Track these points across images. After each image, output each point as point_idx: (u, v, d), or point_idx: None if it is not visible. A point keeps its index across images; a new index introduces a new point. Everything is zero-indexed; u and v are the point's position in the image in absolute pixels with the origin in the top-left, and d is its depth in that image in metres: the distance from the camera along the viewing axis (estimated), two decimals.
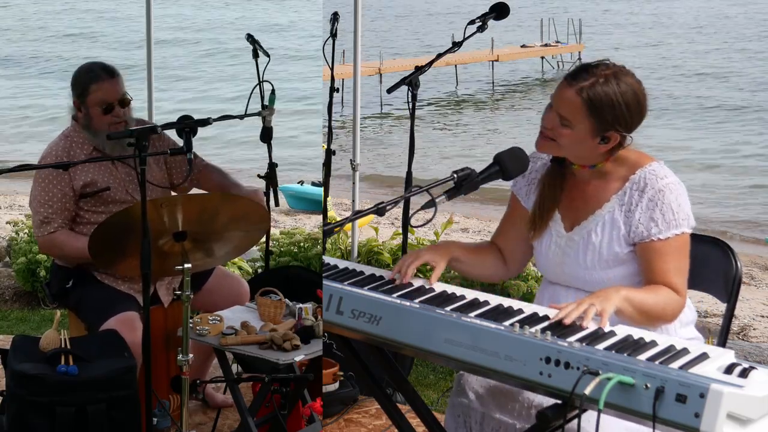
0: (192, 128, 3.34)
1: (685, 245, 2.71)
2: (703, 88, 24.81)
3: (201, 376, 3.98)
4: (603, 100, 2.64)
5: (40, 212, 3.78)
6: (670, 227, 2.66)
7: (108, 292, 3.82)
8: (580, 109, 2.65)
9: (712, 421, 1.96)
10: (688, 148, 17.37)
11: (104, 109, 3.80)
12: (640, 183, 2.70)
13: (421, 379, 4.92)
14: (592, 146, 2.70)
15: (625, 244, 2.73)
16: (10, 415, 3.18)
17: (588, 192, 2.80)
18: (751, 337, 6.37)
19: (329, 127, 5.30)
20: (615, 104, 2.64)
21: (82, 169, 3.81)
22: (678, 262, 2.69)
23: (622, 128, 2.67)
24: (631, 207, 2.71)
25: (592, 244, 2.76)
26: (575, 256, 2.79)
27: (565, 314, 2.44)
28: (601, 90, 2.64)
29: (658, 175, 2.70)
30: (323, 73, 5.38)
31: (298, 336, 3.47)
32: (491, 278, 3.10)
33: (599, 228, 2.75)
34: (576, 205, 2.82)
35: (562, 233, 2.84)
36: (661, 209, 2.66)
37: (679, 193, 2.69)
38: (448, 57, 4.58)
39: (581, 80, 2.66)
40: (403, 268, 2.76)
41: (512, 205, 3.01)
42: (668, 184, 2.68)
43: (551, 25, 29.39)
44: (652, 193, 2.68)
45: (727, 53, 30.90)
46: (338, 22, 5.07)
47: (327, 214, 5.96)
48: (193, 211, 3.34)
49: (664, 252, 2.67)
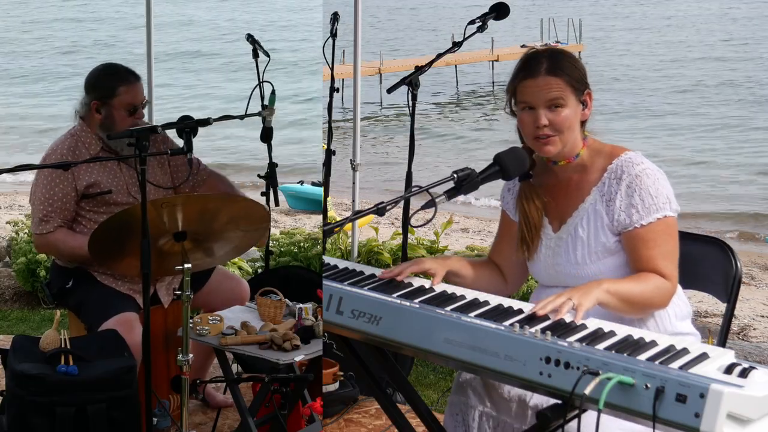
0: (192, 128, 3.34)
1: (668, 229, 2.71)
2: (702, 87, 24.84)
3: (201, 376, 3.98)
4: (572, 69, 2.75)
5: (40, 210, 3.78)
6: (650, 212, 2.68)
7: (108, 292, 3.82)
8: (562, 85, 2.72)
9: (712, 421, 1.96)
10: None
11: (129, 111, 3.81)
12: (617, 171, 2.74)
13: (421, 379, 4.92)
14: (578, 116, 2.76)
15: (610, 234, 2.75)
16: (10, 415, 3.18)
17: (570, 188, 2.83)
18: (751, 337, 6.37)
19: (329, 127, 5.30)
20: (580, 68, 2.77)
21: (87, 169, 3.81)
22: (663, 247, 2.69)
23: (587, 85, 2.77)
24: (611, 196, 2.73)
25: (580, 238, 2.78)
26: (566, 254, 2.81)
27: (540, 306, 2.46)
28: (565, 62, 2.75)
29: (634, 161, 2.73)
30: (323, 73, 5.38)
31: (298, 336, 3.47)
32: (490, 293, 3.09)
33: (584, 221, 2.78)
34: (560, 205, 2.85)
35: (551, 235, 2.86)
36: (639, 194, 2.69)
37: (656, 178, 2.71)
38: (448, 57, 4.59)
39: (542, 63, 2.74)
40: (399, 269, 2.77)
41: (504, 222, 3.03)
42: (644, 170, 2.71)
43: (551, 25, 29.39)
44: (629, 180, 2.70)
45: (727, 53, 30.89)
46: (338, 22, 5.07)
47: (327, 214, 5.97)
48: (193, 211, 3.34)
49: (648, 238, 2.69)
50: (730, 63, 28.61)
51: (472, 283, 2.92)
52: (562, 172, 2.84)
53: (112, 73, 3.87)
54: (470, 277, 2.94)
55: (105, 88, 3.83)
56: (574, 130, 2.76)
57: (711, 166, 16.11)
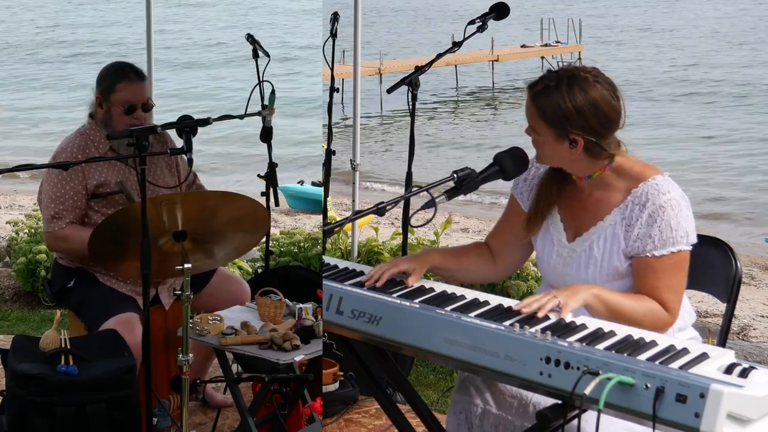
0: (192, 128, 3.34)
1: (680, 262, 2.67)
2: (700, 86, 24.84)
3: (201, 376, 3.98)
4: (550, 105, 2.64)
5: (51, 208, 3.77)
6: (666, 245, 2.64)
7: (109, 292, 3.81)
8: (536, 116, 2.67)
9: (712, 421, 1.96)
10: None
11: (126, 110, 3.80)
12: (642, 197, 2.67)
13: (421, 379, 4.92)
14: (566, 151, 2.67)
15: (624, 258, 2.71)
16: (10, 415, 3.17)
17: (590, 203, 2.78)
18: (751, 337, 6.37)
19: (329, 127, 5.30)
20: (564, 108, 2.62)
21: (96, 168, 3.81)
22: (671, 280, 2.66)
23: (583, 132, 2.63)
24: (631, 221, 2.68)
25: (593, 258, 2.74)
26: (576, 268, 2.78)
27: (525, 304, 2.46)
28: (548, 95, 2.64)
29: (661, 190, 2.65)
30: (323, 73, 5.38)
31: (298, 336, 3.47)
32: (476, 280, 3.09)
33: (601, 241, 2.74)
34: (578, 216, 2.81)
35: (564, 243, 2.83)
36: (659, 225, 2.63)
37: (680, 210, 2.65)
38: (448, 57, 4.59)
39: (535, 87, 2.69)
40: (377, 274, 2.75)
41: (511, 207, 3.00)
42: (670, 200, 2.64)
43: (551, 25, 29.39)
44: (652, 209, 2.64)
45: (727, 53, 30.89)
46: (338, 22, 5.07)
47: (327, 214, 5.96)
48: (192, 208, 3.34)
49: (658, 269, 2.65)
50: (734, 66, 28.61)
51: (456, 273, 2.92)
52: (580, 184, 2.79)
53: (116, 69, 3.88)
54: (454, 268, 2.93)
55: (106, 83, 3.84)
56: (556, 158, 2.72)
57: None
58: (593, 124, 2.63)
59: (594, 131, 2.64)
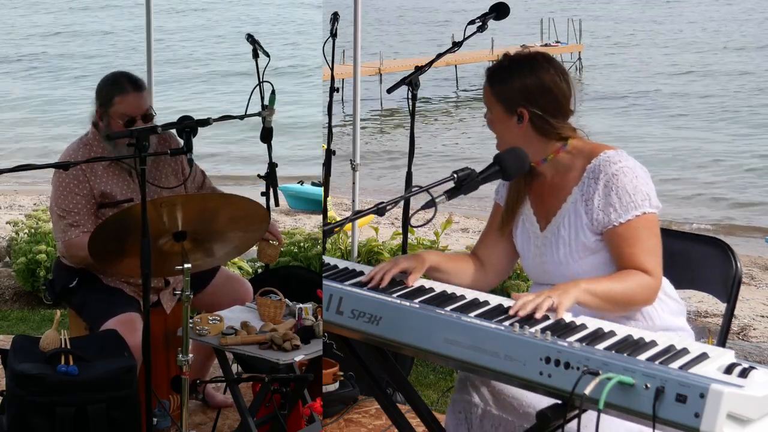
0: (192, 128, 3.33)
1: (649, 225, 2.71)
2: (699, 85, 24.85)
3: (201, 376, 3.98)
4: (500, 82, 2.79)
5: (65, 218, 3.76)
6: (628, 210, 2.69)
7: (111, 292, 3.81)
8: (488, 93, 2.83)
9: (712, 421, 1.96)
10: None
11: (126, 123, 3.74)
12: (595, 171, 2.74)
13: (421, 379, 4.93)
14: (515, 127, 2.78)
15: (590, 233, 2.76)
16: (10, 415, 3.17)
17: (553, 188, 2.85)
18: (751, 337, 6.38)
19: (329, 127, 5.30)
20: (513, 86, 2.77)
21: (100, 178, 3.80)
22: (645, 243, 2.70)
23: (527, 104, 2.75)
24: (590, 195, 2.75)
25: (562, 238, 2.80)
26: (550, 253, 2.83)
27: (520, 305, 2.47)
28: (500, 74, 2.81)
29: (612, 160, 2.73)
30: (323, 72, 5.38)
31: (298, 336, 3.47)
32: (470, 287, 3.09)
33: (566, 221, 2.80)
34: (545, 203, 2.88)
35: (538, 234, 2.89)
36: (616, 193, 2.69)
37: (634, 176, 2.71)
38: (448, 57, 4.59)
39: (490, 69, 2.87)
40: (378, 275, 2.76)
41: (495, 213, 3.05)
42: (622, 168, 2.71)
43: (551, 25, 29.40)
44: (606, 179, 2.71)
45: (726, 53, 30.91)
46: (338, 22, 5.07)
47: (327, 214, 5.97)
48: (192, 210, 3.34)
49: (628, 235, 2.70)
50: (734, 62, 28.63)
51: (453, 276, 2.94)
52: (541, 170, 2.86)
53: (113, 81, 3.83)
54: (451, 271, 2.95)
55: (104, 97, 3.80)
56: (507, 136, 2.81)
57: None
58: (541, 102, 2.77)
59: (540, 107, 2.77)
